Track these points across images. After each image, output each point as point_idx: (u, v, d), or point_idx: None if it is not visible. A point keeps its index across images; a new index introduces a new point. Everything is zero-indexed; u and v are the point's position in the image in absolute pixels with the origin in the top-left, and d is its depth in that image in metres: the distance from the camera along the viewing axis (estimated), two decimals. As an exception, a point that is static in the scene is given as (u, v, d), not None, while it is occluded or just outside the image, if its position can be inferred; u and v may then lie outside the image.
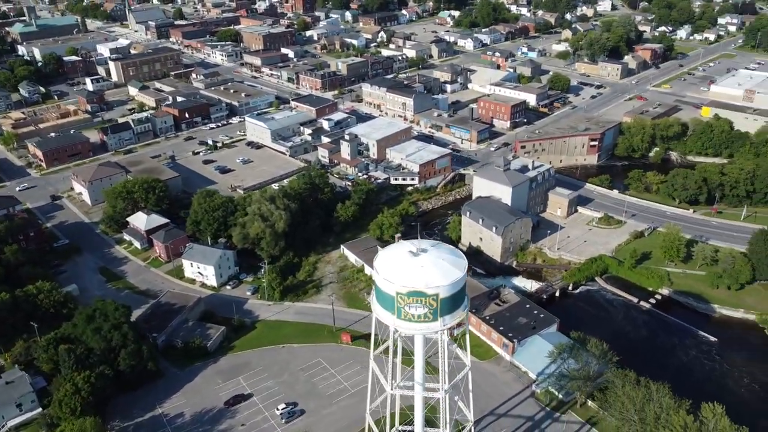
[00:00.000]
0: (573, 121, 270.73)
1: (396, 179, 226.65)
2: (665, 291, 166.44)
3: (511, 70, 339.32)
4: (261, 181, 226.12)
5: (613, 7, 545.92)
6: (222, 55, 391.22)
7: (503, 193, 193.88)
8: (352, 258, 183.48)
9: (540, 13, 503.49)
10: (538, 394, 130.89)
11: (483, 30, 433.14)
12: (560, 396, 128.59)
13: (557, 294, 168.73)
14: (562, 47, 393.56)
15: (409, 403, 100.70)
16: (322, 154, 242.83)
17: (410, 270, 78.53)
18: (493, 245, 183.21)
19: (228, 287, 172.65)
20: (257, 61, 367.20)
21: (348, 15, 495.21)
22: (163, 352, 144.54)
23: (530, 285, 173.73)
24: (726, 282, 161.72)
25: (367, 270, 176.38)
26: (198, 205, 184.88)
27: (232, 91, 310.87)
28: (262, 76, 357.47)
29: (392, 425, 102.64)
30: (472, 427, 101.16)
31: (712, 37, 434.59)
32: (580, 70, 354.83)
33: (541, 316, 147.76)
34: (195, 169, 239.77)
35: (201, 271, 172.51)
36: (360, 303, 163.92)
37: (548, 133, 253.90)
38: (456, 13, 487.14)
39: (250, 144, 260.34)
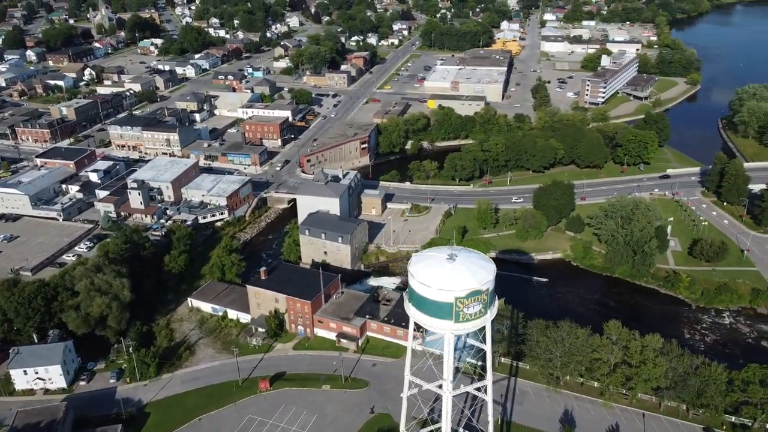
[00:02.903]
0: (338, 128, 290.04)
1: (204, 217, 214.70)
2: (493, 254, 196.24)
3: (249, 92, 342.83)
4: (48, 256, 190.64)
5: (301, 23, 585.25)
6: None
7: (331, 205, 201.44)
8: (207, 307, 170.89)
9: (240, 34, 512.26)
10: (465, 368, 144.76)
11: (196, 56, 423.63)
12: (480, 363, 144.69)
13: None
14: (283, 64, 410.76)
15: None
16: (107, 209, 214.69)
17: (458, 275, 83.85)
18: (340, 255, 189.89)
19: (82, 383, 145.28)
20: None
21: (31, 54, 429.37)
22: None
23: (391, 281, 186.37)
24: (532, 234, 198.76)
25: (232, 314, 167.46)
26: (5, 300, 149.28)
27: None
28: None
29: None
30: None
31: (395, 41, 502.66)
32: (310, 83, 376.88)
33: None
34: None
35: (41, 375, 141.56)
36: (246, 348, 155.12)
37: (326, 144, 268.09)
38: (159, 41, 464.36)
39: (1, 217, 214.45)
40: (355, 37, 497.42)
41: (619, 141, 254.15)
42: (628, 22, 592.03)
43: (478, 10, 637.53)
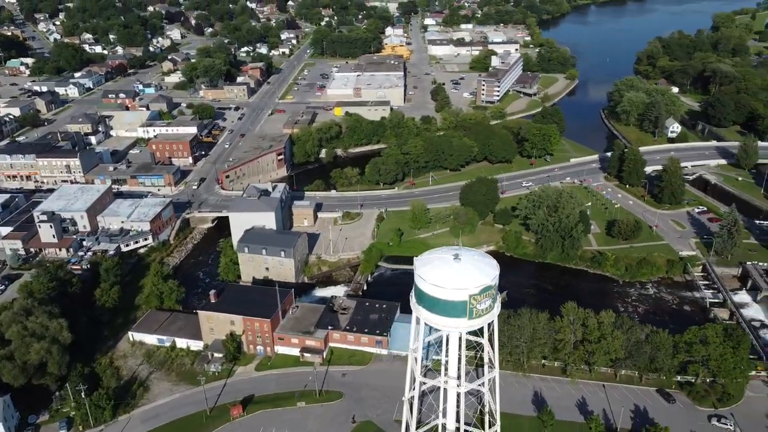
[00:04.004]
0: (251, 141, 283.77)
1: (127, 244, 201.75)
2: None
3: (145, 109, 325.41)
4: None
5: (182, 36, 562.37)
6: None
7: (266, 219, 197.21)
8: (152, 339, 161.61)
9: (120, 50, 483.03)
10: (432, 366, 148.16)
11: (77, 75, 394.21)
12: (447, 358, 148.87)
13: (365, 287, 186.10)
14: (176, 78, 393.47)
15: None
16: (13, 246, 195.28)
17: (468, 273, 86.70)
18: (283, 269, 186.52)
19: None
20: None
21: None
22: None
23: (338, 290, 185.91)
24: (466, 230, 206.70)
25: (182, 343, 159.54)
26: None
27: None
28: None
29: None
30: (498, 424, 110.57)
31: (286, 50, 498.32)
32: (208, 97, 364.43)
33: (384, 306, 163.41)
34: None
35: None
36: (206, 376, 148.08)
37: (243, 158, 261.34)
38: (29, 60, 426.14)
39: None
40: (245, 48, 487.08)
41: (525, 135, 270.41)
42: (502, 24, 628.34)
43: (360, 16, 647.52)
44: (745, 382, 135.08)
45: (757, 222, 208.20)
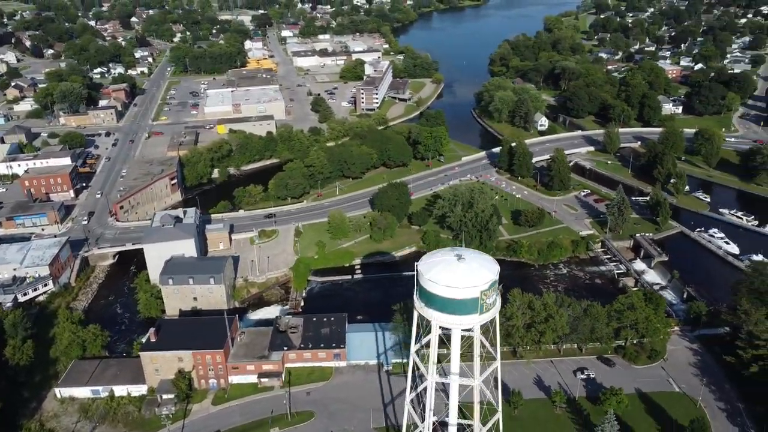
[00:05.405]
0: (137, 168, 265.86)
1: (25, 293, 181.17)
2: (358, 260, 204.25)
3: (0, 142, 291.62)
4: None
5: (18, 59, 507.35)
6: None
7: (186, 247, 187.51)
8: (84, 392, 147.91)
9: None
10: (392, 370, 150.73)
11: None
12: (405, 360, 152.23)
13: (303, 303, 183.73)
14: (28, 106, 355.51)
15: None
16: None
17: (475, 271, 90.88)
18: (213, 297, 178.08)
19: None
20: None
21: None
22: None
23: (273, 310, 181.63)
24: (388, 235, 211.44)
25: (120, 390, 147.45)
26: None
27: None
28: None
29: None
30: (500, 418, 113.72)
31: (144, 69, 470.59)
32: (71, 124, 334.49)
33: (332, 318, 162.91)
34: None
35: None
36: (158, 422, 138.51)
37: (135, 186, 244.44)
38: None
39: None
40: (98, 69, 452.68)
41: (417, 139, 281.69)
42: (358, 33, 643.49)
43: (215, 31, 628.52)
44: (666, 339, 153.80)
45: (633, 199, 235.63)
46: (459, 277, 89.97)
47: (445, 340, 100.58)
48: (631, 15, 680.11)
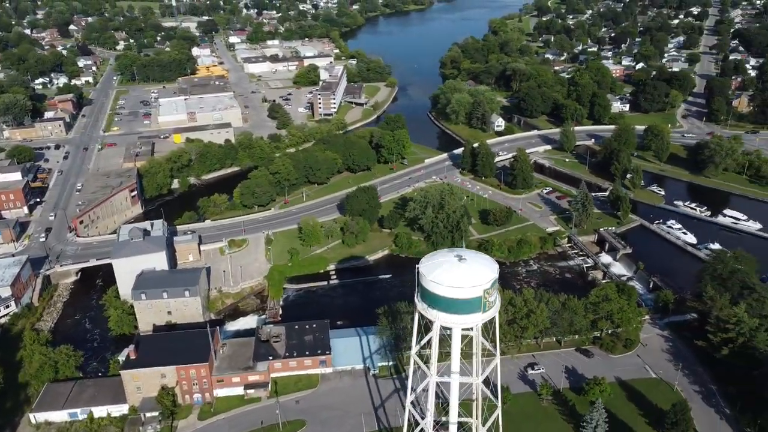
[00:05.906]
0: (93, 181, 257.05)
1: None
2: (332, 266, 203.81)
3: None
4: None
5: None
6: None
7: (157, 261, 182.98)
8: (61, 416, 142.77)
9: None
10: (379, 374, 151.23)
11: None
12: (392, 362, 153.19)
13: (281, 311, 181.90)
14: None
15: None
16: None
17: (477, 270, 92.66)
18: (189, 310, 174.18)
19: None
20: None
21: None
22: None
23: (250, 320, 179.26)
24: (360, 239, 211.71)
25: (100, 411, 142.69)
26: None
27: None
28: None
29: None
30: (500, 414, 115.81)
31: (89, 79, 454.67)
32: (16, 137, 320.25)
33: (314, 325, 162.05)
34: None
35: None
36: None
37: (94, 200, 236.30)
38: None
39: None
40: (39, 80, 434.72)
41: (380, 142, 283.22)
42: (307, 39, 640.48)
43: (159, 38, 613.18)
44: (639, 328, 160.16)
45: (593, 194, 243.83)
46: (462, 277, 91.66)
47: (444, 339, 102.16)
48: (571, 17, 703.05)
